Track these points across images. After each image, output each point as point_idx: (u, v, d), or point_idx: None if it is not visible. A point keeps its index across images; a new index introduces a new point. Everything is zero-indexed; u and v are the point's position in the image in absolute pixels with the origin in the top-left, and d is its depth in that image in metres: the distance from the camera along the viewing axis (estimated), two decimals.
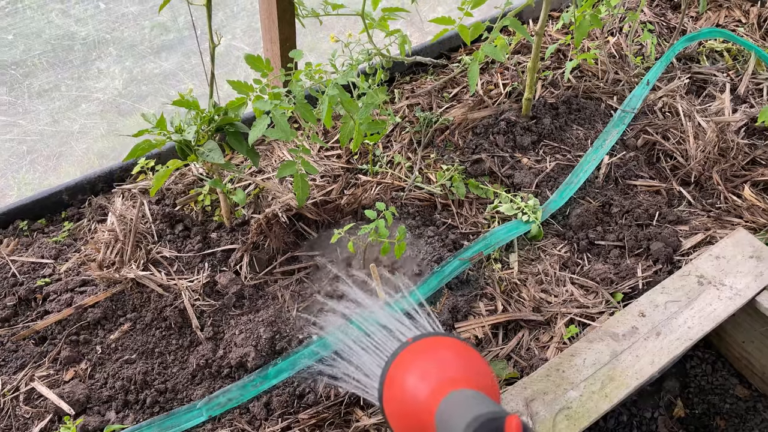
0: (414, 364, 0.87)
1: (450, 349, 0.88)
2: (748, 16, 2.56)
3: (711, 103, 2.15)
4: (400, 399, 0.86)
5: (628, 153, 2.01)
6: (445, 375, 0.83)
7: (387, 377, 0.89)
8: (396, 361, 0.89)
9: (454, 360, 0.86)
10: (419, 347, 0.90)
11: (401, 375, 0.87)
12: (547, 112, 2.11)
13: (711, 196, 1.90)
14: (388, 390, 0.88)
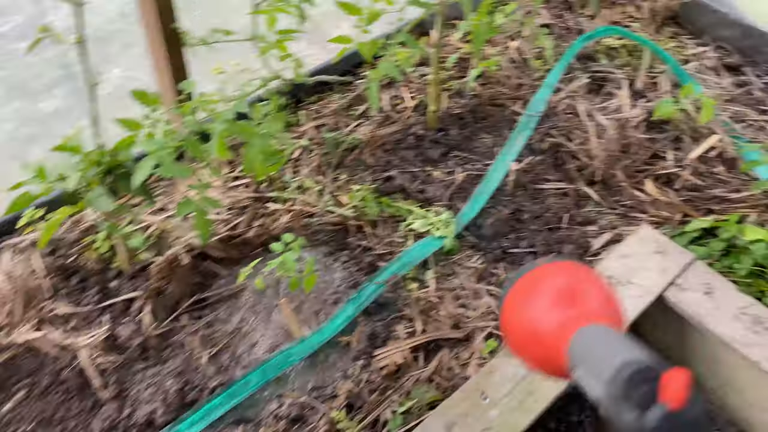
0: (548, 282, 0.80)
1: (588, 277, 0.81)
2: (641, 11, 2.65)
3: (611, 101, 2.21)
4: (525, 317, 0.79)
5: (535, 157, 2.03)
6: (583, 305, 0.75)
7: (514, 287, 0.81)
8: (528, 275, 0.82)
9: (593, 289, 0.79)
10: (555, 268, 0.82)
11: (533, 290, 0.80)
12: (454, 123, 2.11)
13: (616, 193, 1.94)
14: (512, 301, 0.81)
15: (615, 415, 0.58)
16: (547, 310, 0.75)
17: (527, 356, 0.79)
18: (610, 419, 0.59)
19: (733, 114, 2.17)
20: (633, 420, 0.55)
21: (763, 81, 2.42)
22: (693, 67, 2.39)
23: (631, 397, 0.56)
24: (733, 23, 2.53)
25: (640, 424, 0.54)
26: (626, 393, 0.57)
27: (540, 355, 0.76)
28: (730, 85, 2.36)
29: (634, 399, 0.56)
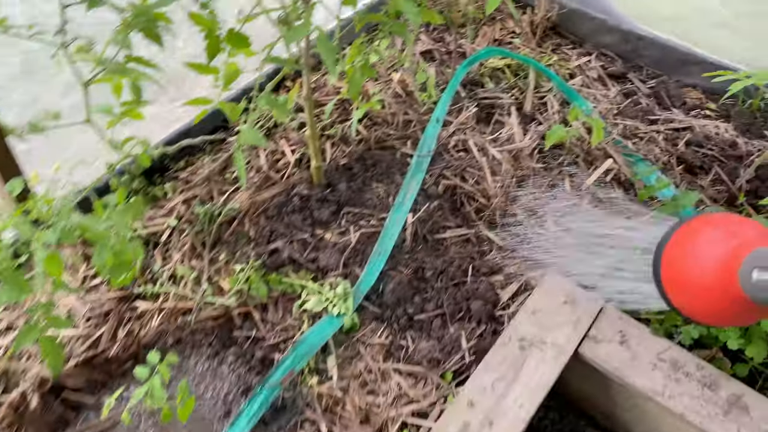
0: (703, 230, 0.84)
1: (736, 217, 0.86)
2: (521, 26, 2.58)
3: (502, 130, 2.10)
4: (693, 262, 0.81)
5: (431, 203, 1.89)
6: (745, 235, 0.79)
7: (669, 247, 0.84)
8: (679, 233, 0.85)
9: (747, 223, 0.83)
10: (709, 217, 0.86)
11: (691, 241, 0.84)
12: (342, 176, 1.93)
13: (518, 234, 1.83)
14: (671, 256, 0.83)
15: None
16: (715, 246, 0.80)
17: (699, 301, 0.82)
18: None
19: (624, 129, 2.12)
20: None
21: (648, 86, 2.40)
22: (579, 81, 2.33)
23: None
24: (612, 29, 2.50)
25: None
26: None
27: (711, 293, 0.79)
28: (617, 95, 2.32)
29: None
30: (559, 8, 2.56)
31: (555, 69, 2.37)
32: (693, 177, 2.00)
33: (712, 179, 1.98)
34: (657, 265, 0.88)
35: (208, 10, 1.45)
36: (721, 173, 1.99)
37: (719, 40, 3.04)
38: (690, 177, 2.00)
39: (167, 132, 2.03)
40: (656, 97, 2.33)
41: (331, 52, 1.43)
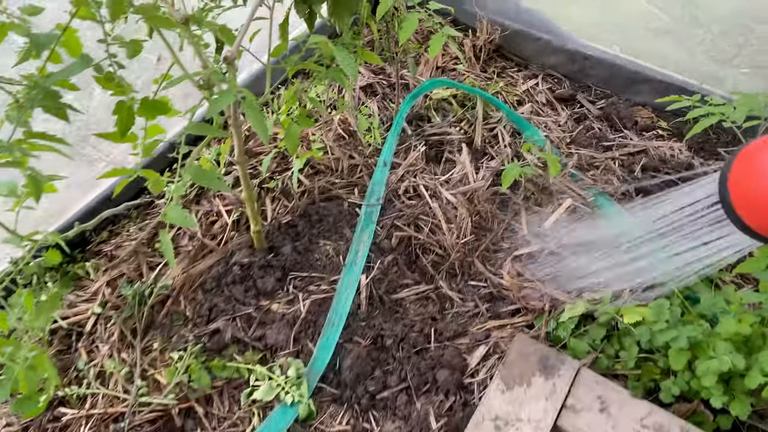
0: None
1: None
2: (464, 50, 2.46)
3: (453, 170, 1.98)
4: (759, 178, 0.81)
5: (385, 258, 1.74)
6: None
7: (736, 165, 0.83)
8: (743, 154, 0.84)
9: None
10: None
11: (757, 158, 0.83)
12: (285, 236, 1.77)
13: (479, 287, 1.70)
14: (740, 174, 0.83)
15: None
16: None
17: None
18: None
19: (579, 159, 2.03)
20: None
21: (597, 107, 2.33)
22: (528, 108, 2.24)
23: None
24: (557, 49, 2.42)
25: None
26: None
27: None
28: (568, 120, 2.23)
29: None
30: (501, 30, 2.45)
31: (503, 96, 2.26)
32: None
33: None
34: (724, 189, 0.89)
35: (115, 80, 1.27)
36: None
37: (663, 49, 3.02)
38: None
39: (88, 198, 1.82)
40: (607, 119, 2.26)
41: (260, 119, 1.27)
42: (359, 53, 1.79)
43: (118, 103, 1.29)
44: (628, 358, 1.50)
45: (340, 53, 1.43)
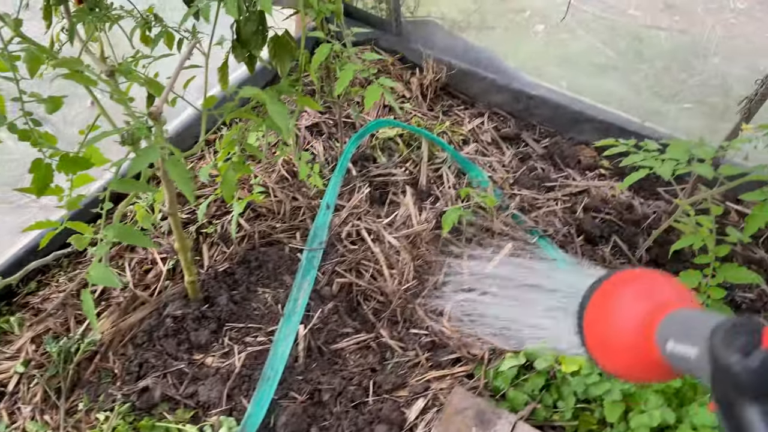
0: (622, 288, 0.82)
1: (657, 276, 0.83)
2: (410, 89, 2.47)
3: (397, 212, 1.97)
4: (611, 323, 0.80)
5: (325, 306, 1.71)
6: (662, 296, 0.78)
7: (592, 299, 0.83)
8: (602, 287, 0.84)
9: (667, 283, 0.81)
10: (627, 275, 0.84)
11: (610, 300, 0.82)
12: (222, 285, 1.72)
13: (420, 335, 1.69)
14: (592, 318, 0.82)
15: (715, 363, 0.59)
16: (631, 309, 0.79)
17: (620, 361, 0.80)
18: (711, 374, 0.60)
19: (522, 200, 2.04)
20: (736, 362, 0.56)
21: (542, 145, 2.36)
22: (473, 148, 2.25)
23: (734, 344, 0.58)
24: (502, 88, 2.44)
25: (745, 365, 0.56)
26: (729, 341, 0.58)
27: (631, 354, 0.77)
28: (512, 159, 2.25)
29: (737, 345, 0.57)
30: (448, 69, 2.47)
31: (448, 136, 2.27)
32: (593, 247, 1.94)
33: (612, 249, 1.94)
34: (580, 326, 0.86)
35: (34, 136, 1.23)
36: (620, 242, 1.94)
37: (608, 84, 3.09)
38: (590, 247, 1.94)
39: (14, 248, 1.75)
40: (551, 158, 2.28)
41: (184, 178, 1.24)
42: (298, 99, 1.77)
43: (35, 160, 1.24)
44: (566, 409, 1.49)
45: (272, 105, 1.41)
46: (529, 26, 3.43)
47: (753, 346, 0.58)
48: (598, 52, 3.35)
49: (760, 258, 1.98)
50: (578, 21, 3.53)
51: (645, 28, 3.55)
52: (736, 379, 0.57)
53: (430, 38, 2.59)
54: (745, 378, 0.56)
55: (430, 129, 2.26)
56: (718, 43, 3.51)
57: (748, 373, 0.56)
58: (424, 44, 2.54)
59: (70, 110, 2.29)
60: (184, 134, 2.10)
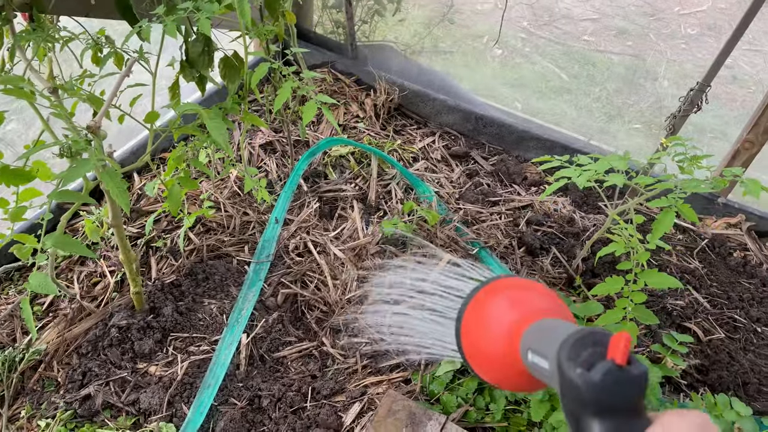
0: (501, 294, 0.83)
1: (530, 285, 0.84)
2: (365, 109, 2.56)
3: (345, 225, 2.04)
4: (482, 330, 0.81)
5: (270, 316, 1.76)
6: (531, 304, 0.79)
7: (470, 304, 0.83)
8: (483, 291, 0.84)
9: (538, 294, 0.82)
10: (508, 282, 0.85)
11: (488, 302, 0.83)
12: (168, 297, 1.77)
13: (361, 344, 1.74)
14: (470, 316, 0.83)
15: (561, 376, 0.58)
16: (501, 318, 0.80)
17: (492, 370, 0.80)
18: (559, 387, 0.59)
19: (466, 214, 2.12)
20: (578, 376, 0.55)
21: (490, 163, 2.45)
22: (423, 165, 2.33)
23: (579, 357, 0.57)
24: (453, 109, 2.54)
25: (586, 378, 0.55)
26: (574, 354, 0.58)
27: (501, 364, 0.78)
28: (461, 175, 2.34)
29: (581, 358, 0.57)
30: (401, 90, 2.57)
31: (399, 153, 2.35)
32: (533, 258, 2.02)
33: (552, 260, 2.01)
34: (458, 334, 0.86)
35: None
36: (559, 254, 2.02)
37: (562, 106, 3.21)
38: (530, 259, 2.02)
39: None
40: (498, 175, 2.37)
41: (119, 189, 1.30)
42: (244, 116, 1.85)
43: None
44: (496, 411, 1.55)
45: (210, 121, 1.48)
46: (487, 51, 3.56)
47: (596, 358, 0.57)
48: (553, 76, 3.49)
49: (694, 268, 2.06)
50: (534, 46, 3.67)
51: (598, 53, 3.70)
52: (579, 393, 0.55)
53: (386, 62, 2.69)
54: (587, 392, 0.54)
55: (382, 147, 2.34)
56: (667, 66, 3.67)
57: (590, 387, 0.54)
58: (378, 67, 2.64)
59: (29, 131, 2.35)
60: (139, 152, 2.16)
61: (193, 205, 2.03)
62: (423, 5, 2.98)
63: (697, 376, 1.74)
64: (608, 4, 4.21)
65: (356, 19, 2.67)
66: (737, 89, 3.39)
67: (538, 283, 0.93)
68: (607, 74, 3.51)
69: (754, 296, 1.97)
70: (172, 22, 1.45)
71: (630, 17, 4.09)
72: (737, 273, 2.07)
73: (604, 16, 4.07)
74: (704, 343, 1.82)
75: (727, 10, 4.26)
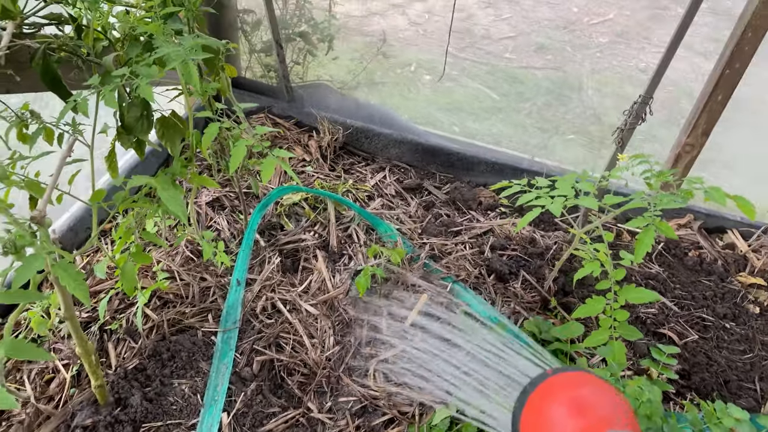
0: (561, 396, 0.83)
1: (598, 386, 0.84)
2: (310, 152, 2.49)
3: (311, 278, 1.95)
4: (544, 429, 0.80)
5: (248, 388, 1.65)
6: (598, 413, 0.78)
7: (528, 405, 0.83)
8: (539, 390, 0.84)
9: (605, 397, 0.81)
10: (563, 380, 0.85)
11: (547, 405, 0.83)
12: (133, 384, 1.62)
13: (348, 403, 1.65)
14: (528, 418, 0.82)
15: None
16: (565, 425, 0.78)
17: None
18: None
19: (432, 249, 2.09)
20: None
21: (443, 191, 2.43)
22: (379, 203, 2.29)
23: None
24: (398, 142, 2.52)
25: None
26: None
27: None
28: (418, 208, 2.31)
29: None
30: (344, 128, 2.52)
31: (353, 194, 2.30)
32: (505, 285, 2.01)
33: (522, 284, 2.01)
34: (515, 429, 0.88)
35: None
36: (528, 277, 2.02)
37: (497, 125, 3.26)
38: (502, 285, 2.00)
39: None
40: (454, 203, 2.36)
41: (76, 282, 1.17)
42: (193, 179, 1.74)
43: None
44: None
45: (164, 192, 1.38)
46: (416, 78, 3.59)
47: None
48: (484, 96, 3.55)
49: (656, 273, 2.12)
50: (461, 69, 3.74)
51: (522, 70, 3.81)
52: None
53: (323, 101, 2.64)
54: None
55: (334, 189, 2.28)
56: (588, 76, 3.82)
57: None
58: (317, 107, 2.59)
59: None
60: (77, 227, 1.99)
61: (145, 278, 1.89)
62: (355, 41, 2.97)
63: (682, 381, 1.77)
64: (523, 21, 4.37)
65: (288, 60, 2.61)
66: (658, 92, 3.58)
67: (598, 379, 0.89)
68: (535, 90, 3.61)
69: (716, 293, 2.05)
70: (110, 92, 1.34)
71: (545, 32, 4.25)
72: (696, 272, 2.14)
73: (521, 33, 4.21)
74: (681, 347, 1.85)
75: (632, 16, 4.51)
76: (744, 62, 1.93)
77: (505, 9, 4.45)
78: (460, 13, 4.25)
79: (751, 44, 1.89)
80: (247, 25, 2.62)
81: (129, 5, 1.56)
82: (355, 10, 3.78)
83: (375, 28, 3.45)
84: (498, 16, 4.42)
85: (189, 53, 1.35)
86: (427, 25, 4.04)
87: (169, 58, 1.36)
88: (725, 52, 1.96)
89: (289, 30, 2.56)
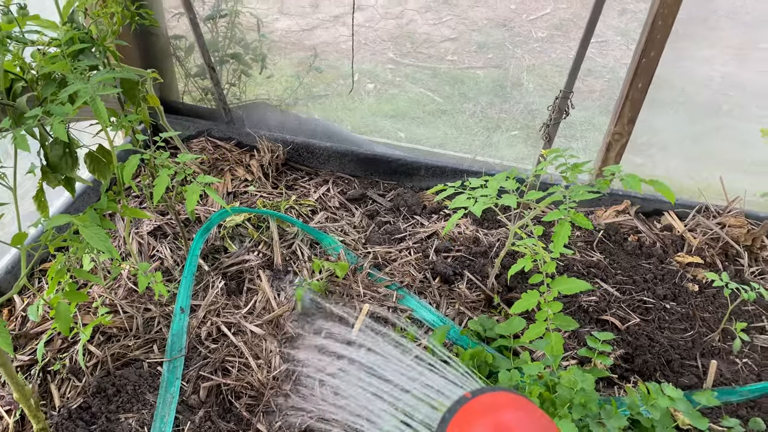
0: (482, 423, 0.81)
1: (520, 407, 0.82)
2: (252, 171, 2.50)
3: (255, 298, 1.95)
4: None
5: (195, 416, 1.64)
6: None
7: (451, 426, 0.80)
8: (457, 418, 0.81)
9: (528, 420, 0.80)
10: (483, 403, 0.82)
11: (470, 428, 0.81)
12: (78, 424, 1.60)
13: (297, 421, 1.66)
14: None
15: None
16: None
17: None
18: None
19: (376, 258, 2.10)
20: None
21: (387, 199, 2.46)
22: (323, 216, 2.30)
23: None
24: (340, 154, 2.54)
25: None
26: None
27: None
28: (362, 218, 2.32)
29: None
30: (285, 145, 2.53)
31: (297, 210, 2.31)
32: (450, 286, 2.04)
33: (467, 284, 2.04)
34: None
35: None
36: (472, 276, 2.05)
37: (441, 129, 3.30)
38: (447, 287, 2.03)
39: None
40: (398, 210, 2.39)
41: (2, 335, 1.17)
42: (125, 211, 1.73)
43: None
44: None
45: (86, 230, 1.37)
46: (359, 87, 3.61)
47: None
48: (428, 100, 3.59)
49: (597, 260, 2.17)
50: (404, 75, 3.77)
51: (464, 70, 3.87)
52: None
53: (263, 119, 2.65)
54: None
55: (277, 206, 2.29)
56: (528, 71, 3.89)
57: None
58: (257, 126, 2.59)
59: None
60: (16, 270, 1.97)
61: (87, 315, 1.87)
62: (293, 57, 2.98)
63: (625, 365, 1.81)
64: (462, 22, 4.43)
65: (223, 82, 2.61)
66: (594, 81, 3.66)
67: (511, 394, 0.89)
68: (477, 89, 3.66)
69: (656, 275, 2.10)
70: (22, 136, 1.34)
71: (485, 30, 4.31)
72: (635, 256, 2.20)
73: (461, 34, 4.27)
74: (623, 331, 1.90)
75: (569, 8, 4.61)
76: (658, 50, 2.00)
77: (444, 11, 4.51)
78: (400, 19, 4.30)
79: (662, 32, 1.95)
80: (180, 50, 2.62)
81: (39, 44, 1.55)
82: (295, 25, 3.79)
83: (316, 41, 3.46)
84: (438, 19, 4.48)
85: (97, 89, 1.35)
86: (368, 34, 4.07)
87: (79, 94, 1.36)
88: (640, 41, 2.02)
89: (221, 52, 2.57)
